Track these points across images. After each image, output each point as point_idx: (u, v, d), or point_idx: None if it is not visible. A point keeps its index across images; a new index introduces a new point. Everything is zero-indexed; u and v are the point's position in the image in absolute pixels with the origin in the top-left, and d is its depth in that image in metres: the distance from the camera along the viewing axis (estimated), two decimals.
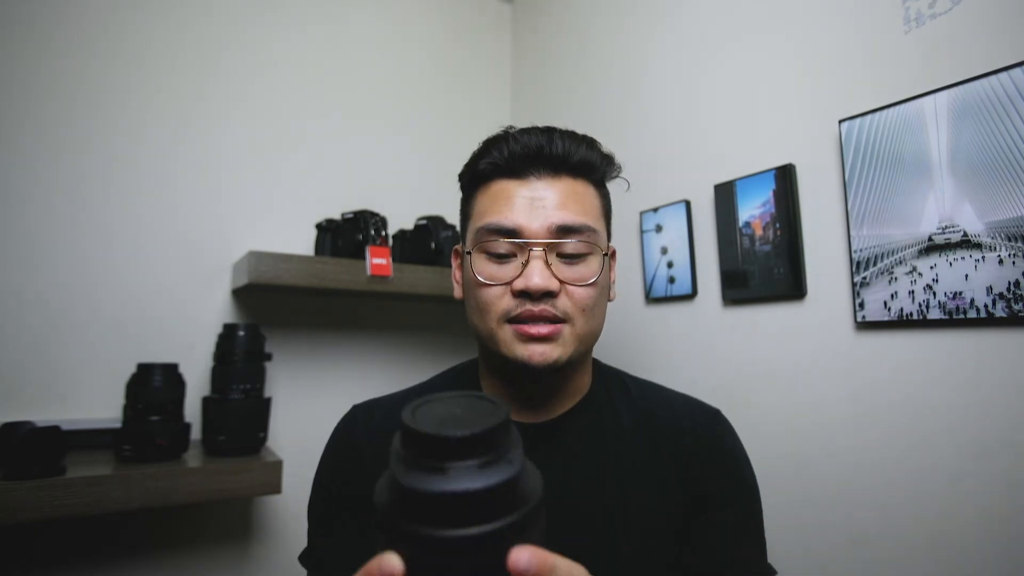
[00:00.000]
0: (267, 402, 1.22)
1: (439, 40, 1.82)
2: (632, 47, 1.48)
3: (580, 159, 0.70)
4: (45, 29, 1.25)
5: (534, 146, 0.68)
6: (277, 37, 1.53)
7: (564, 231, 0.67)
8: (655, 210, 1.34)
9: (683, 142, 1.31)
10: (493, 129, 0.74)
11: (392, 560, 0.31)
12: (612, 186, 0.77)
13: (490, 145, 0.71)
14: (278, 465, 1.15)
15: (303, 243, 1.49)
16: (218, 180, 1.41)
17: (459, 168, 0.76)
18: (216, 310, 1.38)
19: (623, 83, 1.50)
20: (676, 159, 1.32)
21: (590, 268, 0.68)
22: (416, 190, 1.67)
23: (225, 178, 1.42)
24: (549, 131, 0.70)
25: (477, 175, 0.72)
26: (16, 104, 1.22)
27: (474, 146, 0.74)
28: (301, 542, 0.75)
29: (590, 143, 0.72)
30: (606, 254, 0.70)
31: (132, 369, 1.15)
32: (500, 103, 1.92)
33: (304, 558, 0.73)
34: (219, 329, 1.27)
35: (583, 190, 0.70)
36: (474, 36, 1.90)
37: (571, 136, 0.71)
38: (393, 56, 1.72)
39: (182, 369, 1.17)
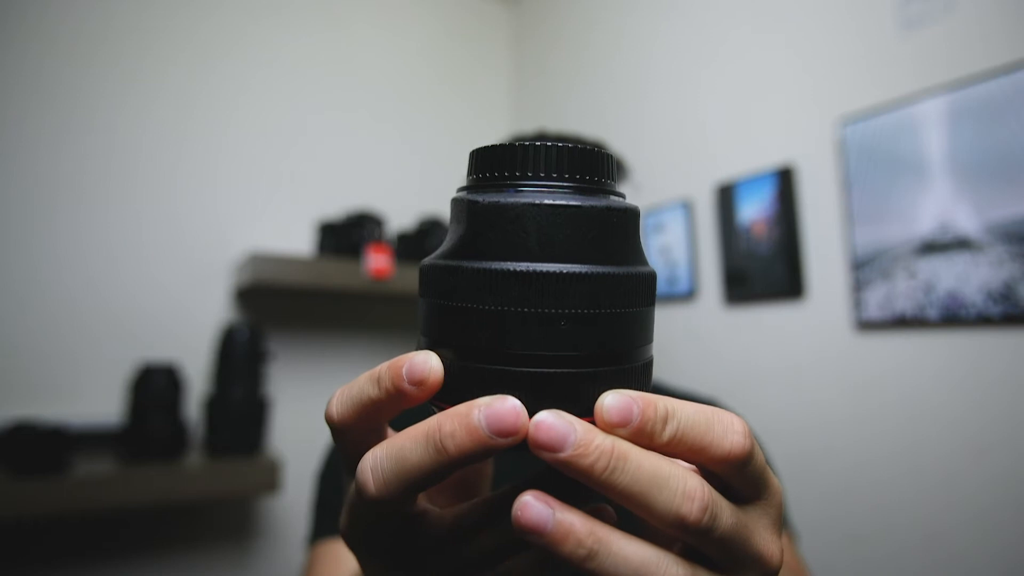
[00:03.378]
0: (267, 402, 1.22)
1: (439, 40, 1.82)
2: (633, 48, 1.48)
3: None
4: (45, 28, 1.26)
5: None
6: (277, 39, 1.54)
7: None
8: (656, 210, 1.34)
9: (683, 142, 1.31)
10: (493, 129, 0.74)
11: (426, 358, 0.23)
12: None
13: None
14: (278, 465, 1.15)
15: (303, 243, 1.49)
16: (219, 180, 1.42)
17: (459, 167, 0.76)
18: (216, 310, 1.38)
19: (624, 83, 1.50)
20: (676, 159, 1.32)
21: None
22: (416, 190, 1.67)
23: (226, 178, 1.43)
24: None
25: None
26: (16, 104, 1.22)
27: (474, 145, 0.74)
28: (301, 542, 0.75)
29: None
30: None
31: (133, 368, 1.15)
32: (500, 103, 1.92)
33: (315, 531, 0.68)
34: (219, 329, 1.27)
35: None
36: (474, 37, 1.90)
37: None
38: (393, 56, 1.72)
39: (182, 369, 1.17)
